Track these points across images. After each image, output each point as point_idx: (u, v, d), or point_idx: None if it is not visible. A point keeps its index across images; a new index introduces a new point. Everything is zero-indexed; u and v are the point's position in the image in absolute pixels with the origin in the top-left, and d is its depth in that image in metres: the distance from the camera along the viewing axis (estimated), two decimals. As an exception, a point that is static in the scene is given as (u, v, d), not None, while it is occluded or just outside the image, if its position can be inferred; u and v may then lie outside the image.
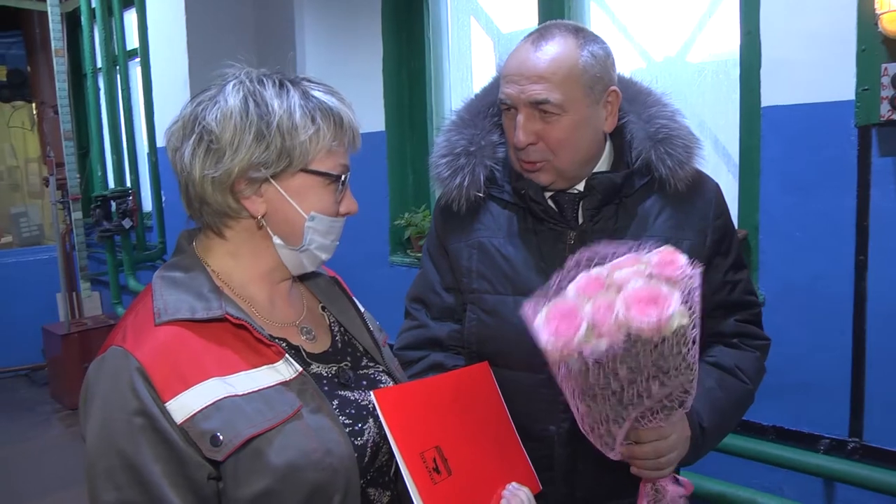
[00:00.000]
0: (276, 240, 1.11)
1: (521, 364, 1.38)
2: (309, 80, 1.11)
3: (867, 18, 1.93)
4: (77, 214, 5.74)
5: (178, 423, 0.95)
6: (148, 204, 5.50)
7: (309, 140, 1.06)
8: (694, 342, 1.08)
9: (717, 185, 1.47)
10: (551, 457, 1.40)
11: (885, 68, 1.90)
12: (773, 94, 2.21)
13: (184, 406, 0.96)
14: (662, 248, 1.11)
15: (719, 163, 2.57)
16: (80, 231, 5.81)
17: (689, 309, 1.05)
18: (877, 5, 1.87)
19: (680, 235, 1.38)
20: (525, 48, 1.35)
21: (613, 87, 1.38)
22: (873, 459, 2.11)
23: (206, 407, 0.97)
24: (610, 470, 1.29)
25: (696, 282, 1.07)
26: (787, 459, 2.24)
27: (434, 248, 1.56)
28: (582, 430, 1.20)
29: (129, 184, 5.48)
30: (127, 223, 5.24)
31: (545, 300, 1.12)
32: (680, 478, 1.30)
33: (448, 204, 1.49)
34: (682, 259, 1.08)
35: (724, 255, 1.44)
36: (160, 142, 4.65)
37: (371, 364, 1.24)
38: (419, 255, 3.40)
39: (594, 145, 1.40)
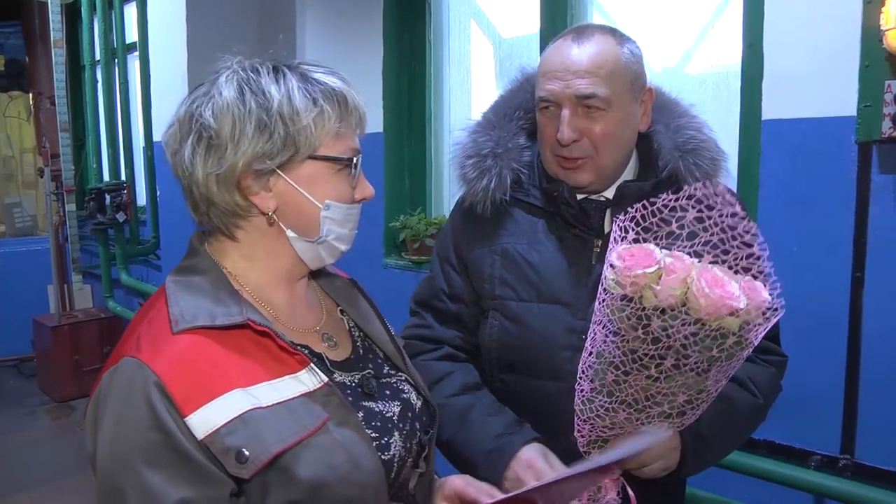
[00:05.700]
0: (291, 233, 1.05)
1: (544, 373, 1.36)
2: (306, 63, 1.06)
3: (871, 34, 1.92)
4: (71, 206, 5.75)
5: (200, 439, 0.89)
6: (142, 198, 5.49)
7: (313, 124, 1.00)
8: (727, 364, 1.08)
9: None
10: None
11: (889, 85, 1.89)
12: (774, 107, 2.20)
13: (206, 420, 0.89)
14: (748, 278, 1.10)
15: (718, 175, 2.55)
16: (73, 223, 5.81)
17: (746, 336, 1.05)
18: (882, 22, 1.86)
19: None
20: (566, 45, 1.33)
21: (649, 86, 1.39)
22: (864, 477, 2.10)
23: (230, 421, 0.90)
24: (631, 480, 1.27)
25: (770, 324, 1.07)
26: (778, 474, 2.23)
27: (445, 254, 1.52)
28: (576, 389, 1.20)
29: (124, 177, 5.48)
30: (121, 217, 5.22)
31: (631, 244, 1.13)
32: (630, 493, 1.27)
33: (472, 206, 1.45)
34: (767, 294, 1.08)
35: None
36: (156, 136, 4.62)
37: (392, 372, 1.19)
38: (413, 258, 3.39)
39: (631, 144, 1.40)
